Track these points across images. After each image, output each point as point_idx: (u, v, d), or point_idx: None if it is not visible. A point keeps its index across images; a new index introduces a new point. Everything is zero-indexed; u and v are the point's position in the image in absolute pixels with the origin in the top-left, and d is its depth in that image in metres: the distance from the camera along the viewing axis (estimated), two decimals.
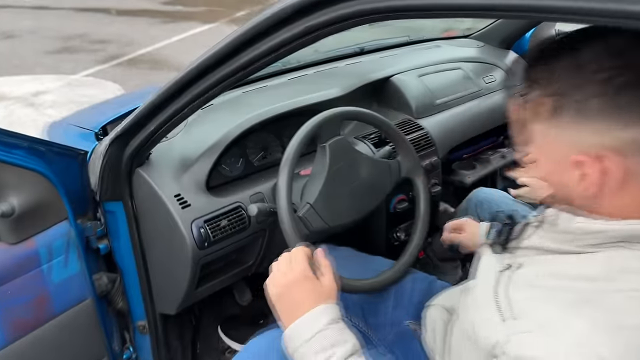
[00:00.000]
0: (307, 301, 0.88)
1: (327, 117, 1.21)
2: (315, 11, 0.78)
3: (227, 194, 1.35)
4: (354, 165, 1.26)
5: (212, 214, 1.28)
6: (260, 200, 1.37)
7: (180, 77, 0.99)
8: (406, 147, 1.34)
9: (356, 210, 1.27)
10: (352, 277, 1.14)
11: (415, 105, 1.74)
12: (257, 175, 1.47)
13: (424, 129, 1.69)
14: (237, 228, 1.31)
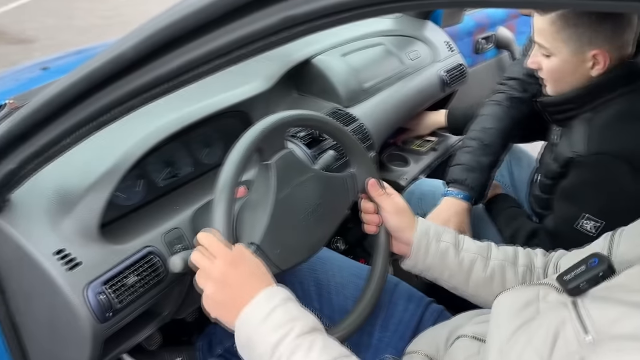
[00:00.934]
0: (250, 285, 0.77)
1: (271, 125, 0.90)
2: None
3: (130, 235, 0.99)
4: (305, 186, 0.96)
5: (113, 271, 0.91)
6: (178, 239, 1.03)
7: (58, 93, 0.61)
8: (362, 157, 1.06)
9: (313, 242, 0.98)
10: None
11: (344, 92, 1.48)
12: (165, 201, 1.12)
13: (357, 119, 1.43)
14: (151, 283, 0.96)
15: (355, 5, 0.45)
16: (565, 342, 0.60)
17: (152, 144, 1.00)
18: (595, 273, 0.66)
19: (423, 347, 0.97)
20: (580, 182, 1.09)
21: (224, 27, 0.52)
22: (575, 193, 1.10)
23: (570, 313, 0.62)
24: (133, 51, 0.56)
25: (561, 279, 0.70)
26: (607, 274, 0.66)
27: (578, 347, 0.58)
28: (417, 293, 1.15)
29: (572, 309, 0.62)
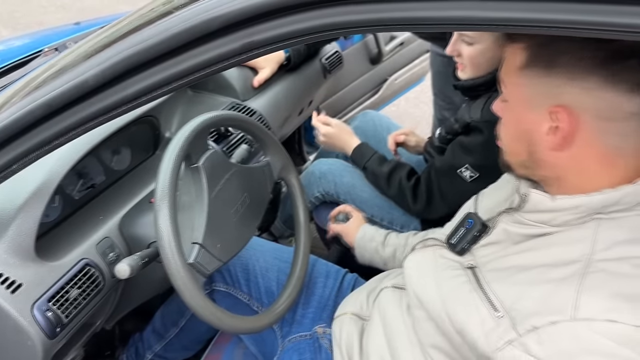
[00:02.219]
0: None
1: (197, 128, 0.95)
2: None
3: (63, 250, 0.99)
4: (231, 181, 1.03)
5: (55, 287, 0.93)
6: (110, 247, 1.05)
7: (15, 119, 0.63)
8: (275, 146, 1.16)
9: (246, 231, 1.07)
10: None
11: (239, 86, 1.54)
12: (86, 213, 1.12)
13: (256, 111, 1.51)
14: (92, 293, 0.98)
15: (309, 32, 0.55)
16: (482, 320, 0.70)
17: (74, 159, 1.00)
18: (473, 233, 0.82)
19: (349, 308, 1.11)
20: (470, 140, 1.28)
21: (187, 53, 0.58)
22: (465, 147, 1.29)
23: (480, 297, 0.71)
24: (94, 79, 0.60)
25: (449, 242, 0.86)
26: (481, 232, 0.81)
27: (494, 325, 0.67)
28: (332, 268, 1.27)
29: (481, 292, 0.72)
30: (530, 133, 0.70)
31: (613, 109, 0.63)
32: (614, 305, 0.59)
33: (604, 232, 0.65)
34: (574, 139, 0.66)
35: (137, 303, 1.24)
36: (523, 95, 0.70)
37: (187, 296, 0.87)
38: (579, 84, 0.63)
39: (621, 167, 0.66)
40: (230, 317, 0.94)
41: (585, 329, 0.59)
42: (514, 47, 0.70)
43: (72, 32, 1.76)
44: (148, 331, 1.36)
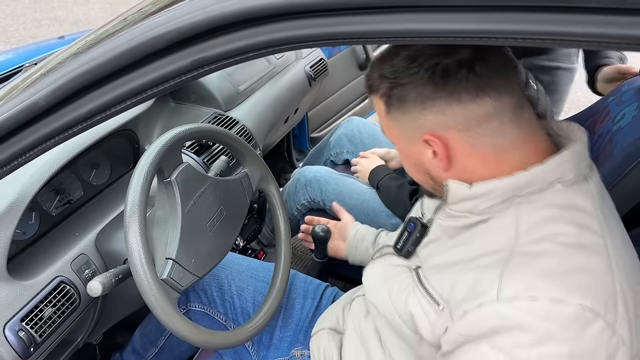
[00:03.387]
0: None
1: (166, 144, 0.95)
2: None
3: (37, 268, 0.99)
4: (206, 195, 1.02)
5: (28, 306, 0.92)
6: (85, 264, 1.05)
7: None
8: (253, 157, 1.15)
9: (222, 245, 1.06)
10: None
11: (221, 97, 1.54)
12: (63, 229, 1.12)
13: (239, 122, 1.51)
14: (67, 311, 0.98)
15: (258, 47, 0.54)
16: (426, 314, 0.73)
17: (47, 176, 0.99)
18: (415, 235, 0.84)
19: (325, 324, 1.09)
20: None
21: (139, 70, 0.57)
22: None
23: (422, 292, 0.74)
24: (45, 100, 0.60)
25: (395, 248, 0.88)
26: (422, 233, 0.84)
27: (436, 318, 0.71)
28: (311, 285, 1.25)
29: (422, 288, 0.75)
30: (422, 163, 0.75)
31: (470, 119, 0.67)
32: (533, 283, 0.61)
33: (524, 215, 0.68)
34: (452, 155, 0.70)
35: (120, 317, 1.23)
36: (398, 135, 0.75)
37: (159, 312, 0.86)
38: (430, 110, 0.68)
39: (507, 161, 0.69)
40: (206, 333, 0.93)
41: (508, 307, 0.61)
42: (374, 97, 0.76)
43: (56, 46, 1.76)
44: (128, 351, 1.35)
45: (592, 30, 0.42)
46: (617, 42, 0.43)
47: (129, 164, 1.34)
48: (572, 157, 0.69)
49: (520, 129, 0.69)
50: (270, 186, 1.19)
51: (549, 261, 0.63)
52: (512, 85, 0.68)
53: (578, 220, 0.65)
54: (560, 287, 0.60)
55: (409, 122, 0.71)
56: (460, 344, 0.66)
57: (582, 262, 0.62)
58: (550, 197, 0.68)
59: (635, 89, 1.12)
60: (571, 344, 0.58)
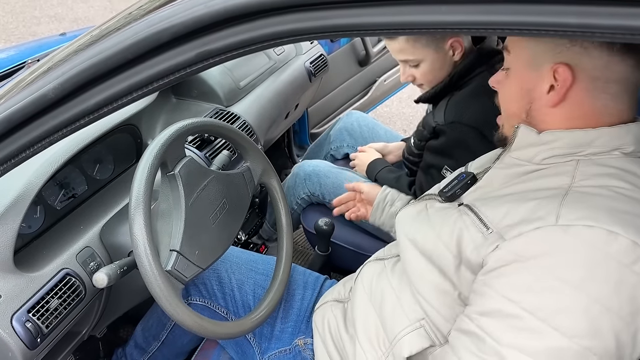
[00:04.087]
0: None
1: (170, 137, 0.96)
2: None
3: (43, 261, 1.00)
4: (209, 188, 1.04)
5: (34, 298, 0.93)
6: (91, 257, 1.06)
7: None
8: (255, 151, 1.17)
9: (226, 237, 1.07)
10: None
11: (222, 92, 1.56)
12: (68, 223, 1.13)
13: (240, 117, 1.52)
14: (73, 303, 0.99)
15: (264, 40, 0.56)
16: (472, 237, 0.75)
17: (52, 170, 1.01)
18: (465, 182, 0.88)
19: (328, 297, 1.12)
20: (440, 143, 1.30)
21: (145, 63, 0.59)
22: (437, 150, 1.31)
23: (471, 217, 0.77)
24: (54, 92, 0.61)
25: (441, 192, 0.91)
26: (472, 181, 0.88)
27: (484, 240, 0.73)
28: (311, 277, 1.26)
29: (471, 213, 0.78)
30: (532, 92, 0.77)
31: (606, 69, 0.69)
32: (591, 214, 0.64)
33: (583, 168, 0.72)
34: (568, 95, 0.73)
35: (124, 310, 1.25)
36: (527, 56, 0.76)
37: (164, 303, 0.87)
38: (580, 44, 0.69)
39: (603, 123, 0.73)
40: (210, 323, 0.94)
41: (564, 232, 0.64)
42: None
43: (57, 43, 1.77)
44: (130, 346, 1.36)
45: (587, 22, 0.44)
46: (612, 33, 0.44)
47: (132, 159, 1.35)
48: (637, 131, 0.72)
49: (629, 104, 0.73)
50: (271, 180, 1.21)
51: (606, 200, 0.66)
52: None
53: (633, 181, 0.69)
54: (616, 222, 0.63)
55: (552, 46, 0.72)
56: (509, 262, 0.68)
57: (636, 209, 0.66)
58: (608, 160, 0.72)
59: None
60: (617, 274, 0.61)
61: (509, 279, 0.68)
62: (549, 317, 0.63)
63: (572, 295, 0.62)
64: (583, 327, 0.62)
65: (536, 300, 0.64)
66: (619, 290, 0.61)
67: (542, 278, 0.64)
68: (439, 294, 0.83)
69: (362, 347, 0.96)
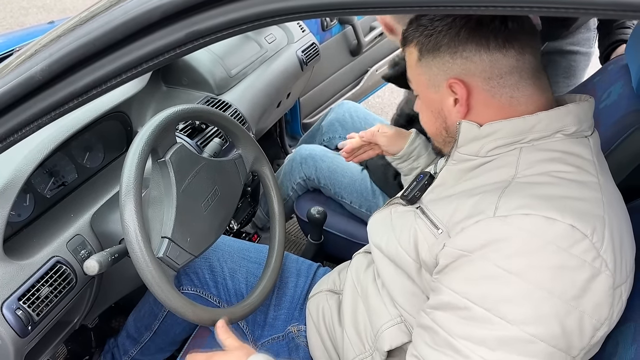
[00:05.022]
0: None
1: (160, 124, 0.95)
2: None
3: (33, 249, 0.99)
4: (201, 175, 1.03)
5: (25, 286, 0.93)
6: (81, 245, 1.05)
7: None
8: (246, 139, 1.16)
9: (217, 225, 1.07)
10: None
11: (213, 80, 1.54)
12: (58, 211, 1.12)
13: (231, 105, 1.51)
14: (64, 291, 0.99)
15: (255, 19, 0.55)
16: (425, 238, 0.79)
17: (40, 157, 1.00)
18: (423, 183, 0.90)
19: (323, 287, 1.13)
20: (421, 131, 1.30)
21: (135, 44, 0.58)
22: None
23: (423, 219, 0.81)
24: (42, 74, 0.60)
25: (402, 196, 0.93)
26: (429, 181, 0.90)
27: (435, 240, 0.76)
28: (304, 265, 1.26)
29: (423, 216, 0.81)
30: (441, 111, 0.82)
31: (494, 67, 0.73)
32: (529, 202, 0.66)
33: (525, 155, 0.74)
34: (471, 103, 0.77)
35: (116, 299, 1.25)
36: (425, 81, 0.82)
37: (156, 289, 0.87)
38: (460, 54, 0.75)
39: (520, 111, 0.75)
40: (203, 310, 0.94)
41: (503, 223, 0.66)
42: (409, 48, 0.83)
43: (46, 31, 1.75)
44: (122, 336, 1.36)
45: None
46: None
47: (122, 147, 1.34)
48: (576, 111, 0.74)
49: (535, 87, 0.75)
50: (264, 167, 1.20)
51: (545, 188, 0.68)
52: (536, 47, 0.75)
53: (576, 163, 0.72)
54: (553, 208, 0.64)
55: (439, 66, 0.78)
56: (456, 257, 0.70)
57: (576, 192, 0.68)
58: (551, 144, 0.74)
59: (621, 67, 1.14)
60: (557, 258, 0.63)
61: (456, 273, 0.70)
62: (494, 306, 0.64)
63: (514, 283, 0.63)
64: (527, 314, 0.63)
65: (481, 290, 0.66)
66: (560, 275, 0.62)
67: (485, 269, 0.66)
68: (410, 297, 0.87)
69: (349, 339, 0.98)
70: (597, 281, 0.63)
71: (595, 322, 0.64)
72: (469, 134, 0.78)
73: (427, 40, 0.78)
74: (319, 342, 1.05)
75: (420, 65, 0.81)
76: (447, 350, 0.68)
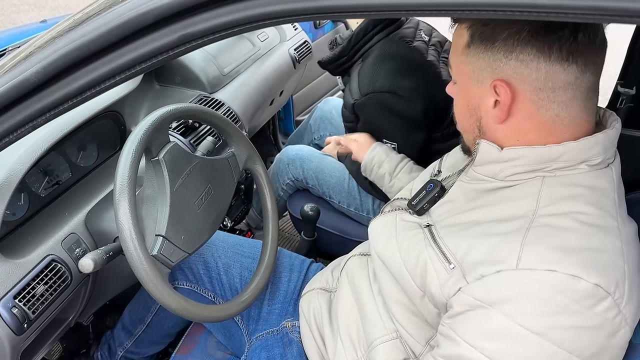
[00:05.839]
0: None
1: (155, 121, 0.96)
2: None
3: (28, 247, 1.00)
4: (194, 174, 1.04)
5: (20, 284, 0.93)
6: (76, 243, 1.06)
7: None
8: (239, 137, 1.17)
9: (211, 223, 1.08)
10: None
11: (206, 79, 1.55)
12: (52, 210, 1.13)
13: (224, 104, 1.52)
14: (59, 289, 0.99)
15: (246, 22, 0.56)
16: (436, 271, 0.75)
17: (35, 157, 1.00)
18: (433, 195, 0.87)
19: (315, 285, 1.14)
20: (367, 119, 1.33)
21: (127, 47, 0.59)
22: (369, 128, 1.33)
23: (435, 250, 0.76)
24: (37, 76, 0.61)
25: (410, 204, 0.90)
26: (440, 194, 0.86)
27: (447, 276, 0.72)
28: (297, 260, 1.28)
29: (434, 245, 0.77)
30: (478, 109, 0.75)
31: (549, 79, 0.67)
32: (553, 256, 0.63)
33: (548, 188, 0.70)
34: (513, 110, 0.70)
35: (110, 297, 1.26)
36: (468, 72, 0.74)
37: (151, 287, 0.88)
38: (516, 56, 0.67)
39: (560, 135, 0.70)
40: (197, 306, 0.95)
41: (526, 277, 0.64)
42: (459, 29, 0.75)
43: (38, 30, 1.75)
44: (118, 328, 1.37)
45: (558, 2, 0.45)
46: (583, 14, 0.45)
47: (116, 146, 1.35)
48: (604, 141, 0.70)
49: (584, 109, 0.70)
50: (257, 165, 1.21)
51: (569, 237, 0.65)
52: (599, 65, 0.68)
53: (598, 202, 0.68)
54: (578, 264, 0.62)
55: (488, 62, 0.70)
56: (473, 307, 0.68)
57: (599, 242, 0.65)
58: (575, 176, 0.69)
59: None
60: (579, 318, 0.61)
61: (473, 325, 0.68)
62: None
63: (536, 343, 0.62)
64: None
65: (502, 348, 0.64)
66: (581, 335, 0.62)
67: (506, 325, 0.64)
68: (409, 315, 0.85)
69: (343, 344, 0.98)
70: (616, 337, 0.63)
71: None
72: (488, 157, 0.74)
73: (483, 27, 0.70)
74: (311, 340, 1.07)
75: (467, 54, 0.73)
76: None
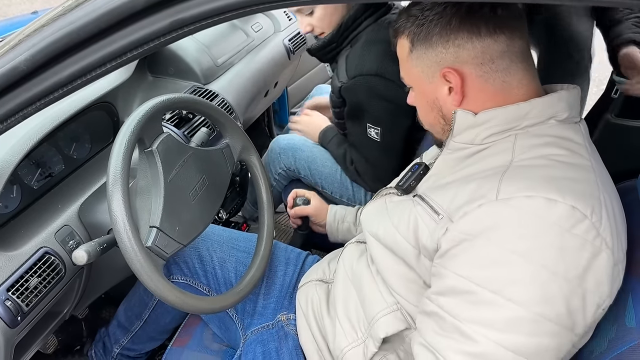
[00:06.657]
0: None
1: (149, 111, 0.95)
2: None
3: (21, 240, 0.99)
4: (188, 164, 1.03)
5: (13, 277, 0.93)
6: (69, 235, 1.05)
7: None
8: (234, 128, 1.16)
9: (206, 213, 1.07)
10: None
11: (199, 70, 1.54)
12: (45, 202, 1.12)
13: (218, 95, 1.51)
14: (53, 281, 0.99)
15: (240, 6, 0.55)
16: (426, 224, 0.79)
17: (27, 148, 0.99)
18: (418, 172, 0.91)
19: (312, 276, 1.13)
20: (353, 103, 1.32)
21: (117, 34, 0.58)
22: (354, 112, 1.33)
23: (423, 206, 0.81)
24: (26, 64, 0.60)
25: (397, 185, 0.94)
26: (425, 171, 0.91)
27: (436, 225, 0.76)
28: (292, 253, 1.28)
29: (423, 202, 0.82)
30: (437, 100, 0.83)
31: (486, 53, 0.75)
32: (530, 184, 0.68)
33: (521, 141, 0.75)
34: (466, 90, 0.78)
35: (105, 289, 1.25)
36: (418, 73, 0.83)
37: (145, 279, 0.87)
38: (453, 43, 0.76)
39: (513, 96, 0.77)
40: (192, 298, 0.95)
41: (506, 205, 0.68)
42: (400, 40, 0.84)
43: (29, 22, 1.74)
44: (113, 325, 1.37)
45: None
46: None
47: (109, 138, 1.34)
48: (567, 98, 0.76)
49: (526, 71, 0.77)
50: (251, 156, 1.20)
51: (544, 170, 0.70)
52: (523, 30, 0.77)
53: (569, 147, 0.73)
54: (553, 189, 0.66)
55: (432, 57, 0.79)
56: (459, 241, 0.71)
57: (573, 174, 0.70)
58: (544, 129, 0.76)
59: None
60: (560, 239, 0.64)
61: (460, 258, 0.71)
62: (501, 288, 0.66)
63: (520, 265, 0.65)
64: (534, 294, 0.64)
65: (487, 273, 0.67)
66: (563, 255, 0.64)
67: (490, 252, 0.67)
68: (407, 283, 0.87)
69: (342, 327, 0.98)
70: (598, 259, 0.65)
71: (598, 299, 0.66)
72: (465, 123, 0.80)
73: (418, 30, 0.79)
74: (308, 332, 1.07)
75: (412, 58, 0.82)
76: (456, 336, 0.69)
